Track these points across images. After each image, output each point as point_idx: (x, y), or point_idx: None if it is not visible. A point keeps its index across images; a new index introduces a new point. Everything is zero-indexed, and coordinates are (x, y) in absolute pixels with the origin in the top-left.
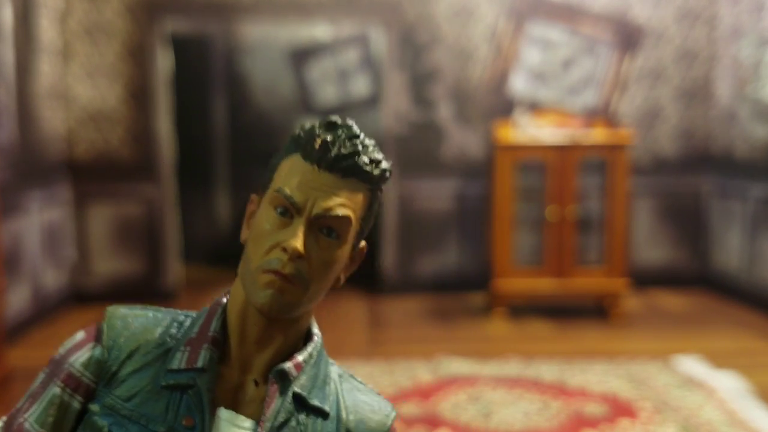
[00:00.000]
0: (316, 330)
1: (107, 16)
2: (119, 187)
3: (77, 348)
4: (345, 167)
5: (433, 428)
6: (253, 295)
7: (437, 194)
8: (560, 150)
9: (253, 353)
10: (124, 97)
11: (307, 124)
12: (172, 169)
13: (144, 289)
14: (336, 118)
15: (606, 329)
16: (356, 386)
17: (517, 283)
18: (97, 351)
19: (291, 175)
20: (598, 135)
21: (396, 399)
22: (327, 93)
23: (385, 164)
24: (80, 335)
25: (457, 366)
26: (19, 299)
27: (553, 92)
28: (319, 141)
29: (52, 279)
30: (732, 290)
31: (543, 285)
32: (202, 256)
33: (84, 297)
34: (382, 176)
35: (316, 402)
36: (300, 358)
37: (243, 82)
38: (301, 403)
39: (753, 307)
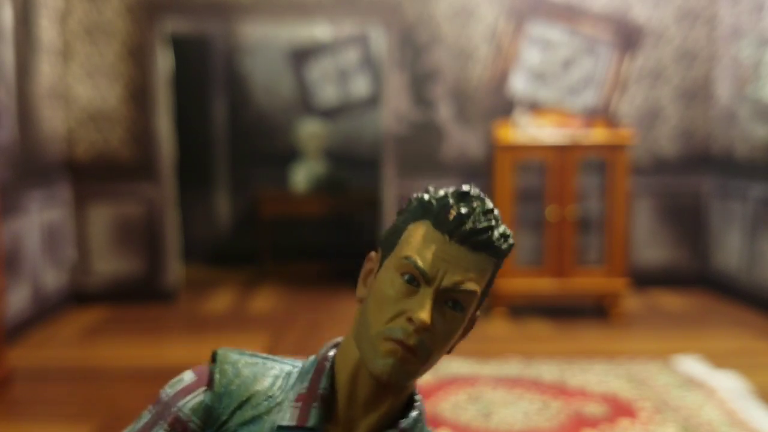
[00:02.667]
0: (418, 396)
1: (107, 16)
2: (119, 187)
3: (187, 391)
4: (478, 242)
5: (433, 428)
6: (371, 361)
7: None
8: (560, 150)
9: (360, 415)
10: (124, 97)
11: (437, 192)
12: (172, 169)
13: (144, 289)
14: (469, 189)
15: (606, 329)
16: None
17: (517, 283)
18: (208, 397)
19: (422, 244)
20: (598, 135)
21: None
22: (327, 93)
23: (511, 240)
24: (189, 376)
25: (457, 366)
26: (19, 299)
27: (553, 92)
28: (453, 212)
29: (52, 279)
30: (732, 290)
31: (543, 285)
32: (202, 256)
33: (84, 297)
34: (509, 250)
35: None
36: (404, 425)
37: (243, 82)
38: None
39: (753, 307)
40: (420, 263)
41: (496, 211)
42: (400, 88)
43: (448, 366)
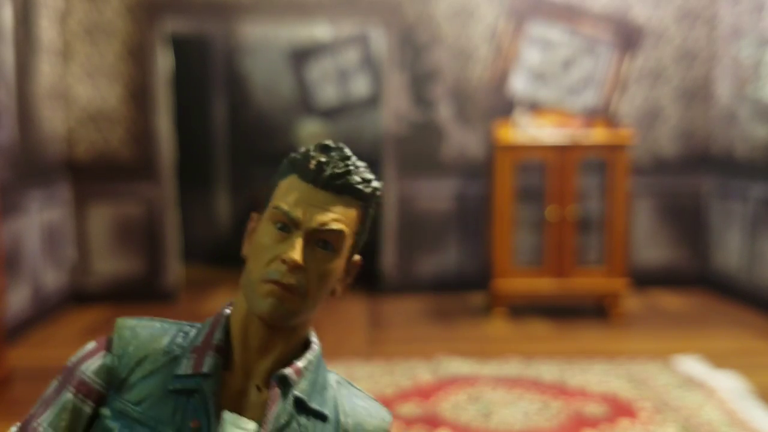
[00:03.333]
0: (314, 339)
1: (107, 16)
2: (119, 187)
3: (89, 356)
4: (338, 185)
5: (433, 428)
6: (254, 305)
7: (437, 194)
8: (560, 150)
9: (255, 360)
10: (124, 97)
11: (302, 149)
12: (172, 169)
13: (144, 289)
14: (329, 142)
15: (606, 329)
16: (354, 392)
17: (517, 283)
18: (108, 359)
19: (289, 193)
20: (598, 135)
21: (396, 399)
22: (327, 93)
23: (375, 183)
24: (91, 345)
25: (457, 366)
26: (19, 299)
27: (553, 92)
28: (314, 162)
29: (52, 279)
30: (732, 290)
31: (543, 285)
32: (202, 256)
33: (84, 297)
34: (373, 194)
35: (315, 405)
36: (300, 364)
37: (243, 82)
38: (301, 406)
39: (753, 307)
40: (286, 208)
41: (354, 158)
42: (400, 88)
43: (448, 366)
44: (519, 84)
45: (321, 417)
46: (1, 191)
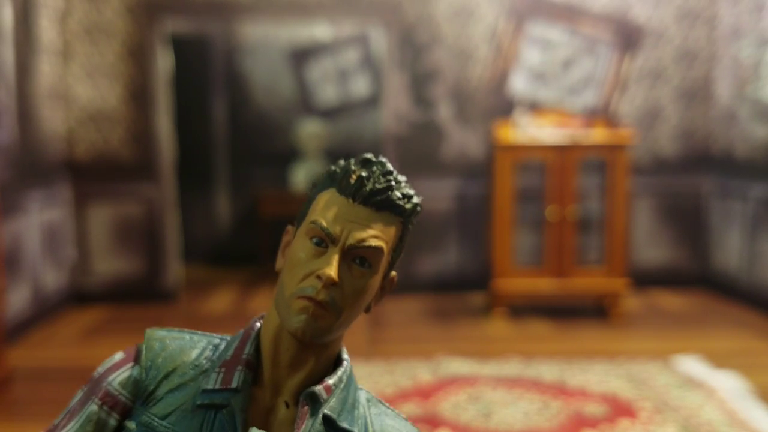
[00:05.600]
0: (345, 356)
1: (107, 16)
2: (119, 187)
3: (116, 368)
4: (379, 201)
5: (433, 428)
6: (287, 320)
7: (437, 194)
8: (560, 150)
9: (285, 376)
10: (124, 97)
11: (342, 162)
12: (172, 169)
13: (144, 289)
14: (370, 156)
15: (606, 329)
16: (384, 411)
17: (517, 283)
18: (135, 371)
19: (327, 208)
20: (598, 135)
21: (396, 399)
22: (327, 93)
23: (416, 199)
24: (119, 356)
25: (457, 366)
26: (19, 299)
27: (553, 92)
28: (354, 176)
29: (52, 279)
30: (732, 290)
31: (543, 285)
32: (202, 256)
33: (84, 297)
34: (414, 210)
35: (345, 425)
36: (330, 381)
37: (243, 82)
38: (330, 425)
39: (753, 307)
40: (324, 224)
41: (396, 174)
42: (400, 88)
43: (448, 366)
44: (519, 84)
45: None
46: (1, 191)
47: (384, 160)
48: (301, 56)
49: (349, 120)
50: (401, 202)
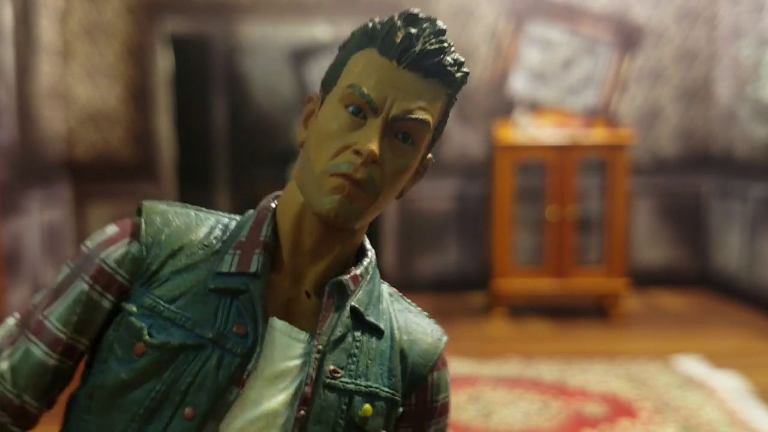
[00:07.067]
0: (369, 245)
1: (107, 16)
2: (119, 187)
3: (110, 243)
4: (429, 66)
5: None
6: (316, 201)
7: (437, 194)
8: (560, 150)
9: (306, 264)
10: (124, 97)
11: (382, 17)
12: (172, 169)
13: None
14: (417, 11)
15: (606, 329)
16: (407, 307)
17: (517, 283)
18: (134, 247)
19: (367, 71)
20: (598, 135)
21: None
22: None
23: (466, 68)
24: (112, 229)
25: (457, 366)
26: (19, 299)
27: (553, 92)
28: (401, 35)
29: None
30: (732, 290)
31: (543, 285)
32: None
33: None
34: (464, 80)
35: (372, 319)
36: (357, 272)
37: (243, 82)
38: (357, 318)
39: (753, 307)
40: (365, 90)
41: (448, 35)
42: None
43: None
44: (519, 84)
45: (377, 331)
46: (1, 191)
47: (434, 17)
48: (301, 56)
49: None
50: (452, 69)
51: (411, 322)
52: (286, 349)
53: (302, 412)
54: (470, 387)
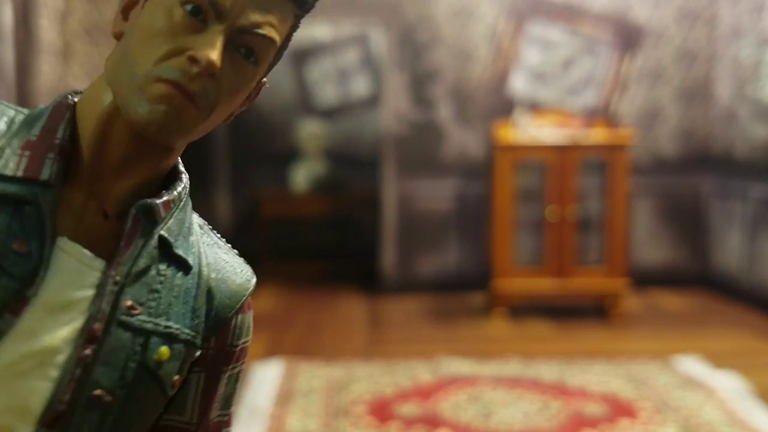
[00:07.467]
0: (183, 169)
1: (107, 16)
2: None
3: None
4: None
5: (433, 428)
6: (133, 108)
7: (437, 194)
8: (560, 150)
9: (109, 179)
10: None
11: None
12: None
13: None
14: None
15: (606, 329)
16: (216, 242)
17: (517, 283)
18: None
19: None
20: (598, 135)
21: (396, 399)
22: (327, 93)
23: None
24: None
25: (457, 366)
26: None
27: (553, 92)
28: None
29: None
30: (732, 290)
31: (543, 285)
32: None
33: None
34: (313, 4)
35: (180, 252)
36: (169, 197)
37: None
38: (165, 250)
39: (753, 307)
40: None
41: None
42: (400, 88)
43: (448, 366)
44: (519, 84)
45: (184, 266)
46: None
47: None
48: (301, 56)
49: (349, 120)
50: None
51: (220, 259)
52: (76, 276)
53: (88, 351)
54: (470, 387)
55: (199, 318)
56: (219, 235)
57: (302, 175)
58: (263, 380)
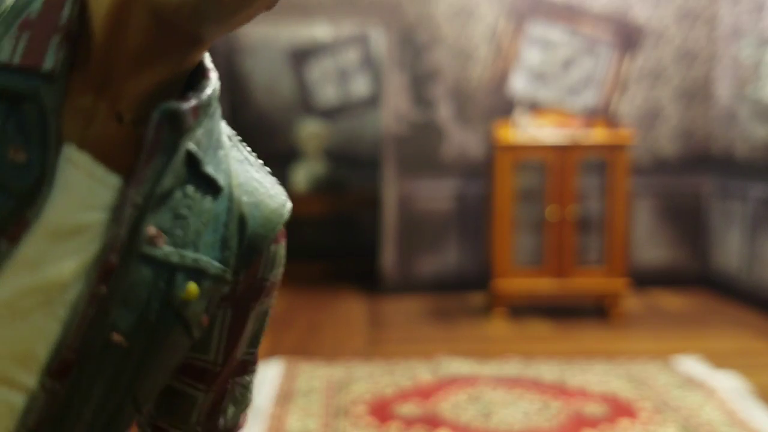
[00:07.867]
0: (211, 65)
1: None
2: None
3: None
4: None
5: (433, 428)
6: None
7: (437, 194)
8: (560, 150)
9: (125, 73)
10: None
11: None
12: None
13: None
14: None
15: (606, 329)
16: (247, 157)
17: (517, 283)
18: None
19: None
20: (598, 135)
21: (396, 399)
22: (327, 93)
23: None
24: None
25: (457, 366)
26: None
27: (553, 92)
28: None
29: None
30: (732, 290)
31: (543, 285)
32: None
33: None
34: None
35: (210, 170)
36: (196, 102)
37: (243, 82)
38: (193, 168)
39: (753, 307)
40: None
41: None
42: (400, 88)
43: (448, 366)
44: (519, 84)
45: (213, 188)
46: None
47: None
48: (301, 56)
49: (349, 120)
50: None
51: (252, 178)
52: (86, 195)
53: (103, 287)
54: (470, 387)
55: (230, 249)
56: (249, 149)
57: (302, 175)
58: (263, 380)
